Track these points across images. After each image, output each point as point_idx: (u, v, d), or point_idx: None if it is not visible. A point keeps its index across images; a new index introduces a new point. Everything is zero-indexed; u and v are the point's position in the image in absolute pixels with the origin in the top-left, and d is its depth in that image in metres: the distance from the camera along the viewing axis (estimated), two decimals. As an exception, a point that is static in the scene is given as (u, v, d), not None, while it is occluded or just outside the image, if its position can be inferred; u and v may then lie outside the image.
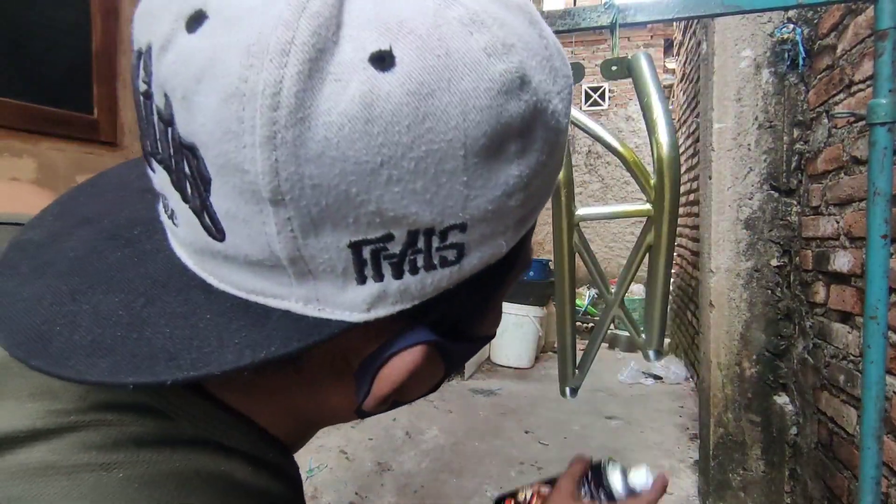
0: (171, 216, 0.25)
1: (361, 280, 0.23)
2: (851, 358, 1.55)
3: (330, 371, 0.28)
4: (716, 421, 2.14)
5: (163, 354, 0.23)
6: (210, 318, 0.24)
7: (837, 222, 1.64)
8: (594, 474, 0.60)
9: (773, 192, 2.06)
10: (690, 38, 4.03)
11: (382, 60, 0.20)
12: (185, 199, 0.23)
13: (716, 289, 2.13)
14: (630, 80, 0.84)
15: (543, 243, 7.66)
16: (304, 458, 2.40)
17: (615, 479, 0.59)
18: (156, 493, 0.24)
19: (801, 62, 1.94)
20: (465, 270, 0.25)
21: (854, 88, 1.55)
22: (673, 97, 5.38)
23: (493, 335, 0.33)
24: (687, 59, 4.33)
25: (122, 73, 1.91)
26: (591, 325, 5.62)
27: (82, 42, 1.79)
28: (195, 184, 0.22)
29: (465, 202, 0.22)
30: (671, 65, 6.59)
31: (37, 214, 0.30)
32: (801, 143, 1.99)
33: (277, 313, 0.24)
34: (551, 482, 0.62)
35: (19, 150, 1.61)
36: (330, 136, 0.20)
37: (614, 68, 0.86)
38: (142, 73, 0.23)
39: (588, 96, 7.50)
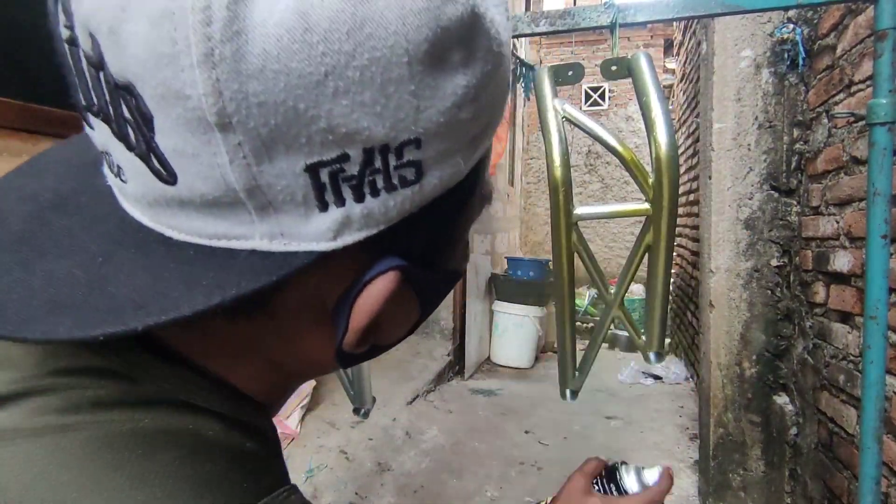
0: (118, 173, 0.24)
1: (323, 206, 0.23)
2: (851, 358, 1.55)
3: (305, 316, 0.27)
4: (716, 421, 2.14)
5: (129, 305, 0.22)
6: (174, 267, 0.23)
7: (837, 222, 1.64)
8: (608, 473, 0.62)
9: (773, 192, 2.06)
10: (690, 38, 4.03)
11: None
12: (129, 146, 0.22)
13: (716, 289, 2.13)
14: (630, 79, 0.84)
15: (543, 243, 7.66)
16: (304, 458, 2.40)
17: (629, 478, 0.61)
18: (118, 453, 0.24)
19: (801, 62, 1.94)
20: (426, 191, 0.24)
21: (854, 88, 1.54)
22: (673, 97, 5.38)
23: (462, 271, 0.33)
24: (687, 59, 4.33)
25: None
26: (591, 325, 5.62)
27: (82, 42, 1.79)
28: (137, 126, 0.21)
29: (416, 114, 0.22)
30: (671, 65, 6.59)
31: None
32: (801, 143, 1.99)
33: (243, 254, 0.23)
34: None
35: (19, 150, 1.61)
36: (269, 49, 0.19)
37: (614, 68, 0.85)
38: (62, 17, 0.22)
39: (588, 96, 7.50)
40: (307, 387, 2.73)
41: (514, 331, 4.35)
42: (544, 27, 0.91)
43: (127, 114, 0.21)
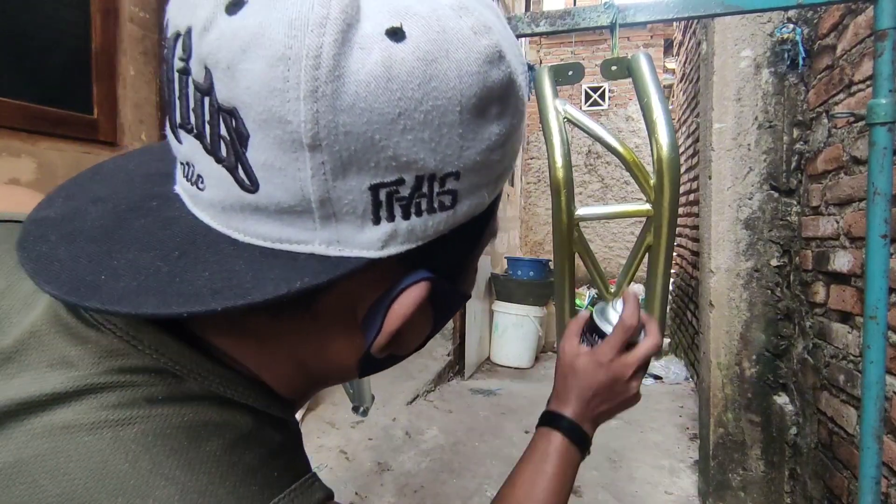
0: (196, 181, 0.28)
1: (376, 220, 0.27)
2: (851, 358, 1.55)
3: (340, 319, 0.32)
4: (716, 421, 2.14)
5: (206, 291, 0.26)
6: (243, 263, 0.27)
7: (837, 222, 1.64)
8: (588, 325, 0.64)
9: (773, 192, 2.06)
10: (690, 38, 4.03)
11: (396, 34, 0.25)
12: (217, 159, 0.26)
13: (716, 289, 2.13)
14: (630, 80, 0.84)
15: (543, 243, 7.66)
16: (304, 458, 2.39)
17: (602, 321, 0.63)
18: (169, 443, 0.27)
19: (801, 62, 1.94)
20: (457, 216, 0.29)
21: (854, 88, 1.55)
22: (673, 97, 5.38)
23: (470, 295, 0.38)
24: (687, 59, 4.33)
25: (122, 72, 1.91)
26: (590, 325, 5.61)
27: (82, 42, 1.79)
28: (231, 143, 0.26)
29: (460, 152, 0.27)
30: (671, 65, 6.59)
31: (45, 198, 0.32)
32: (801, 143, 1.99)
33: (303, 256, 0.27)
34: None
35: (19, 150, 1.61)
36: (360, 91, 0.24)
37: (614, 68, 0.85)
38: (179, 51, 0.26)
39: (588, 96, 7.50)
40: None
41: (513, 331, 4.34)
42: (544, 27, 0.91)
43: (224, 132, 0.26)
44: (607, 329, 0.61)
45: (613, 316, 0.62)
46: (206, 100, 0.26)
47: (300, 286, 0.26)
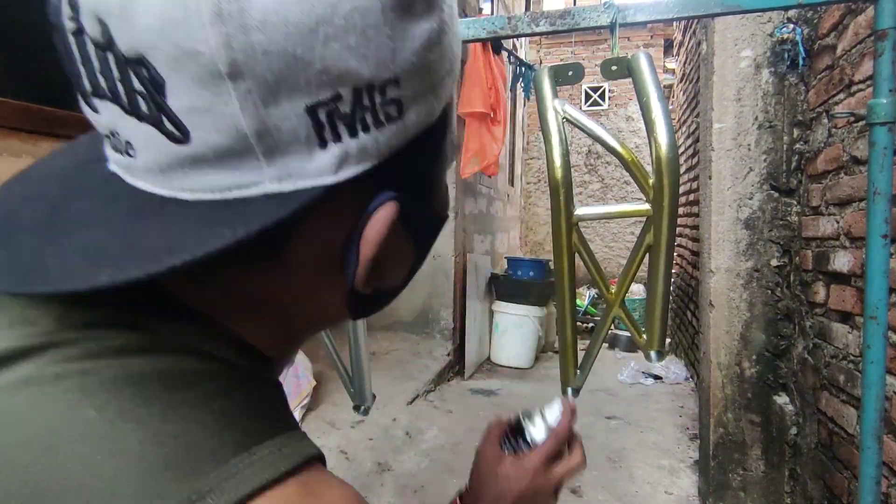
0: (126, 150, 0.26)
1: (323, 144, 0.25)
2: (851, 358, 1.55)
3: (315, 263, 0.30)
4: (716, 421, 2.14)
5: (162, 251, 0.24)
6: (195, 219, 0.25)
7: (837, 222, 1.64)
8: (514, 429, 0.60)
9: (773, 192, 2.06)
10: (690, 38, 4.03)
11: None
12: (140, 117, 0.24)
13: (716, 289, 2.13)
14: (630, 79, 0.84)
15: (543, 243, 7.66)
16: (304, 458, 2.39)
17: (535, 428, 0.59)
18: (141, 390, 0.25)
19: (801, 62, 1.94)
20: (408, 127, 0.28)
21: (854, 88, 1.55)
22: (673, 97, 5.38)
23: (446, 217, 0.37)
24: (687, 59, 4.33)
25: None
26: (591, 325, 5.62)
27: (82, 42, 1.79)
28: (149, 95, 0.23)
29: (393, 55, 0.25)
30: (671, 65, 6.59)
31: None
32: (801, 143, 1.99)
33: (257, 199, 0.25)
34: None
35: (19, 151, 1.61)
36: (268, 4, 0.22)
37: (614, 68, 0.86)
38: (67, 10, 0.24)
39: (588, 96, 7.50)
40: (307, 387, 2.73)
41: (514, 331, 4.34)
42: (544, 27, 0.91)
43: (138, 85, 0.23)
44: (537, 435, 0.58)
45: (541, 423, 0.59)
46: (110, 55, 0.23)
47: (259, 226, 0.24)
